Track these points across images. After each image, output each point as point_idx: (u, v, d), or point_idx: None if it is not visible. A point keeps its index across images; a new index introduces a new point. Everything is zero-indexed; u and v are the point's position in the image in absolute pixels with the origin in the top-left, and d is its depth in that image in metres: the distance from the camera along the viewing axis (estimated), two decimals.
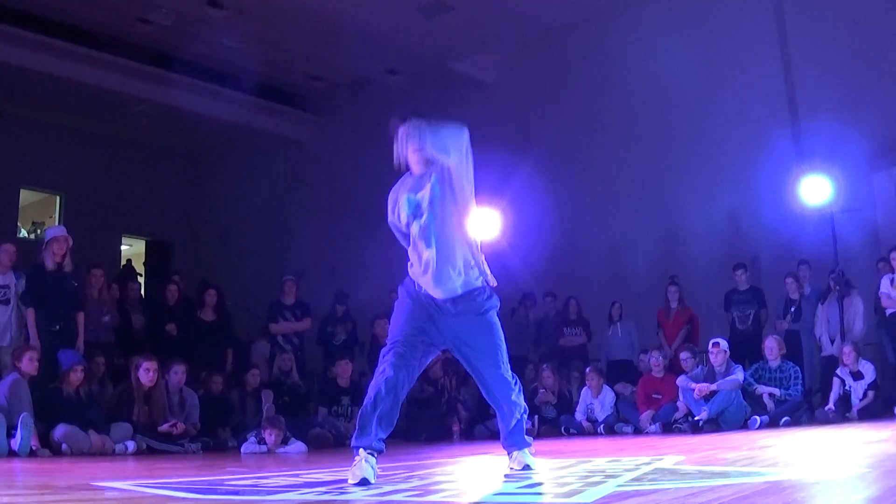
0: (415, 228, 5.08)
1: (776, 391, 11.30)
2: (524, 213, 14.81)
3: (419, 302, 5.05)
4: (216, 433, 10.64)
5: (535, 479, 4.65)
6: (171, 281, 13.15)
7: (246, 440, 10.00)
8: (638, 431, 11.63)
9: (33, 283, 10.23)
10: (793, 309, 12.66)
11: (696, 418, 10.97)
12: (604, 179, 16.29)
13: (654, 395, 11.93)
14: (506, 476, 5.00)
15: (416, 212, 5.08)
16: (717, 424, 10.84)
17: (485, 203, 13.97)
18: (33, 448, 8.62)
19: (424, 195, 5.08)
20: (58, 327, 10.17)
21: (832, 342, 12.14)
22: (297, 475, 5.68)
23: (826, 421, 10.85)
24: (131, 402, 9.95)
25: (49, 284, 10.19)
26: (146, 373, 10.00)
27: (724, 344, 11.47)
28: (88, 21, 16.13)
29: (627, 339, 13.67)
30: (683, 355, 11.87)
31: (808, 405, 11.77)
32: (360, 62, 17.83)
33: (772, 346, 11.63)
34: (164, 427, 9.89)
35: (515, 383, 5.24)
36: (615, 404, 12.25)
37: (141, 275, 18.00)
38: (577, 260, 15.92)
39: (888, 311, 11.73)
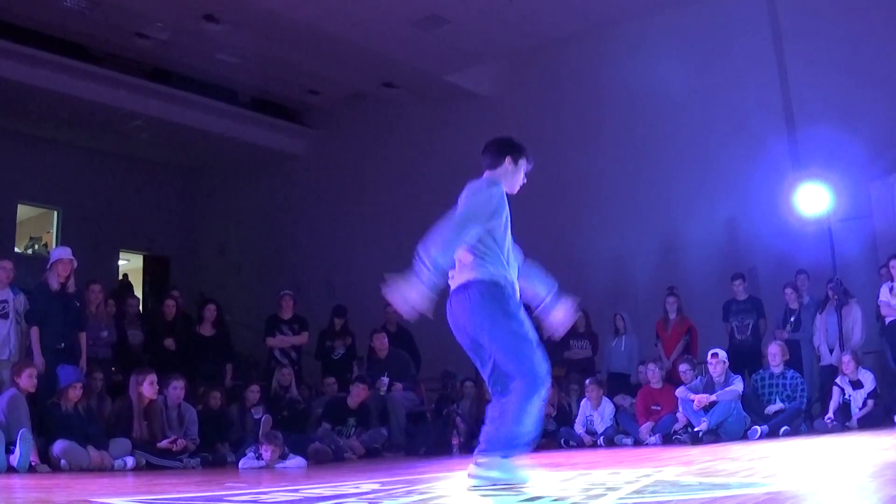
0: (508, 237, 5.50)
1: (783, 406, 11.30)
2: (520, 224, 14.79)
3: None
4: (215, 448, 10.62)
5: (536, 493, 4.63)
6: (169, 296, 13.14)
7: (244, 455, 9.99)
8: (638, 443, 11.60)
9: (37, 303, 10.29)
10: (792, 319, 12.66)
11: (695, 429, 10.95)
12: (601, 191, 16.28)
13: (653, 407, 11.90)
14: (506, 489, 4.99)
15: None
16: (716, 435, 10.82)
17: None
18: (32, 464, 8.61)
19: None
20: (62, 345, 10.20)
21: (831, 351, 12.13)
22: (296, 490, 5.67)
23: (826, 430, 10.84)
24: (130, 418, 9.94)
25: (53, 304, 10.24)
26: (150, 386, 9.99)
27: (722, 354, 11.45)
28: (85, 36, 16.16)
29: (628, 351, 13.65)
30: (682, 367, 11.85)
31: (808, 415, 11.76)
32: (356, 76, 17.86)
33: (774, 353, 11.64)
34: (163, 443, 9.86)
35: None
36: (614, 416, 12.22)
37: (130, 287, 17.92)
38: (575, 272, 15.85)
39: (888, 320, 11.71)
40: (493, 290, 5.12)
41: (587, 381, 12.52)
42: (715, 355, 11.40)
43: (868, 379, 11.18)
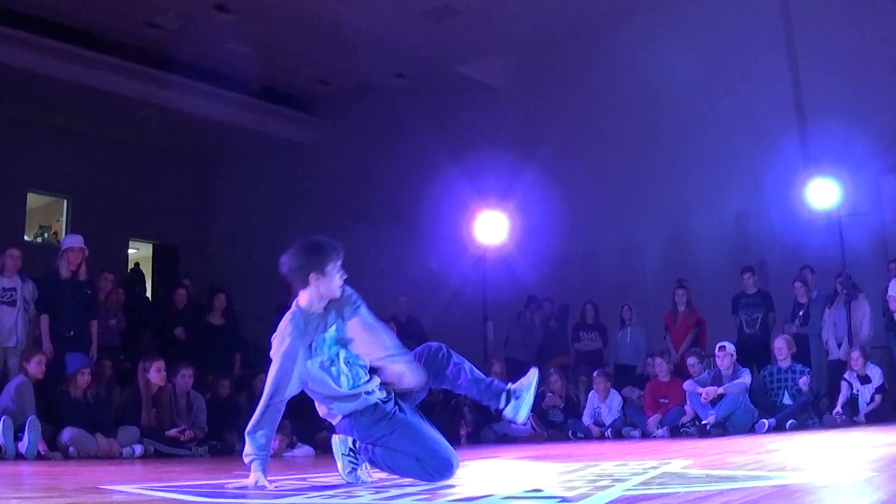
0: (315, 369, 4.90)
1: (805, 382, 11.29)
2: (531, 216, 14.81)
3: None
4: (223, 437, 10.64)
5: (544, 484, 4.64)
6: (180, 285, 13.16)
7: None
8: (645, 435, 11.62)
9: (47, 291, 10.32)
10: (801, 313, 12.64)
11: (703, 422, 10.95)
12: (611, 183, 16.28)
13: (661, 400, 11.91)
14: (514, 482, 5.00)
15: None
16: (724, 428, 10.82)
17: (492, 206, 14.02)
18: (41, 452, 8.63)
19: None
20: (71, 333, 10.23)
21: (839, 346, 12.12)
22: (304, 479, 5.68)
23: (834, 425, 10.84)
24: (139, 406, 9.96)
25: (63, 292, 10.26)
26: (157, 373, 10.00)
27: (730, 347, 11.44)
28: (95, 25, 16.17)
29: (635, 343, 13.65)
30: (691, 361, 11.84)
31: (816, 409, 11.75)
32: (366, 66, 17.84)
33: (781, 347, 11.63)
34: (172, 432, 9.88)
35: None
36: (622, 408, 12.23)
37: (142, 276, 17.93)
38: (584, 263, 15.90)
39: None
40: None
41: (595, 373, 12.53)
42: (722, 348, 11.39)
43: (876, 374, 11.19)
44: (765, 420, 10.81)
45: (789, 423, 10.83)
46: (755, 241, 14.66)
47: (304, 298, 5.00)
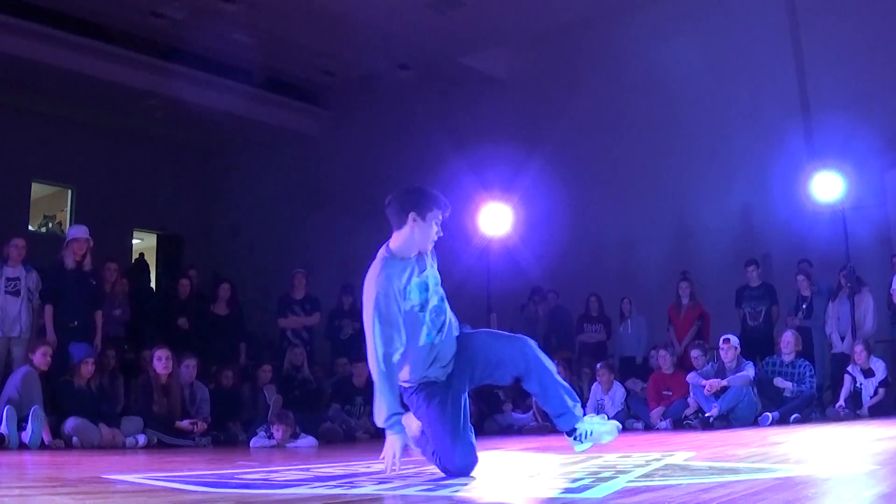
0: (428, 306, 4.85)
1: (789, 385, 11.27)
2: (535, 208, 14.81)
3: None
4: (227, 427, 10.65)
5: (547, 475, 4.64)
6: (185, 275, 13.16)
7: (256, 434, 10.01)
8: (648, 428, 11.61)
9: (52, 281, 10.34)
10: (804, 306, 12.63)
11: (706, 415, 10.95)
12: (615, 175, 16.27)
13: (664, 392, 11.91)
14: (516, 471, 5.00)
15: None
16: (727, 421, 10.81)
17: (496, 198, 14.00)
18: (45, 442, 8.64)
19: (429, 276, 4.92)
20: (76, 323, 10.25)
21: (843, 339, 12.10)
22: (307, 469, 5.69)
23: (837, 418, 10.82)
24: (150, 395, 9.95)
25: (67, 283, 10.29)
26: (158, 361, 9.99)
27: (734, 340, 11.43)
28: (100, 15, 16.17)
29: (636, 335, 13.65)
30: (694, 353, 11.84)
31: (819, 402, 11.74)
32: (371, 57, 17.83)
33: (788, 340, 11.60)
34: (185, 424, 9.88)
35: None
36: (625, 400, 12.23)
37: (146, 267, 17.93)
38: (588, 255, 15.89)
39: None
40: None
41: (598, 365, 12.51)
42: (727, 341, 11.38)
43: (879, 367, 11.16)
44: (768, 413, 10.81)
45: (793, 416, 10.83)
46: (759, 234, 14.65)
47: (396, 240, 4.88)
